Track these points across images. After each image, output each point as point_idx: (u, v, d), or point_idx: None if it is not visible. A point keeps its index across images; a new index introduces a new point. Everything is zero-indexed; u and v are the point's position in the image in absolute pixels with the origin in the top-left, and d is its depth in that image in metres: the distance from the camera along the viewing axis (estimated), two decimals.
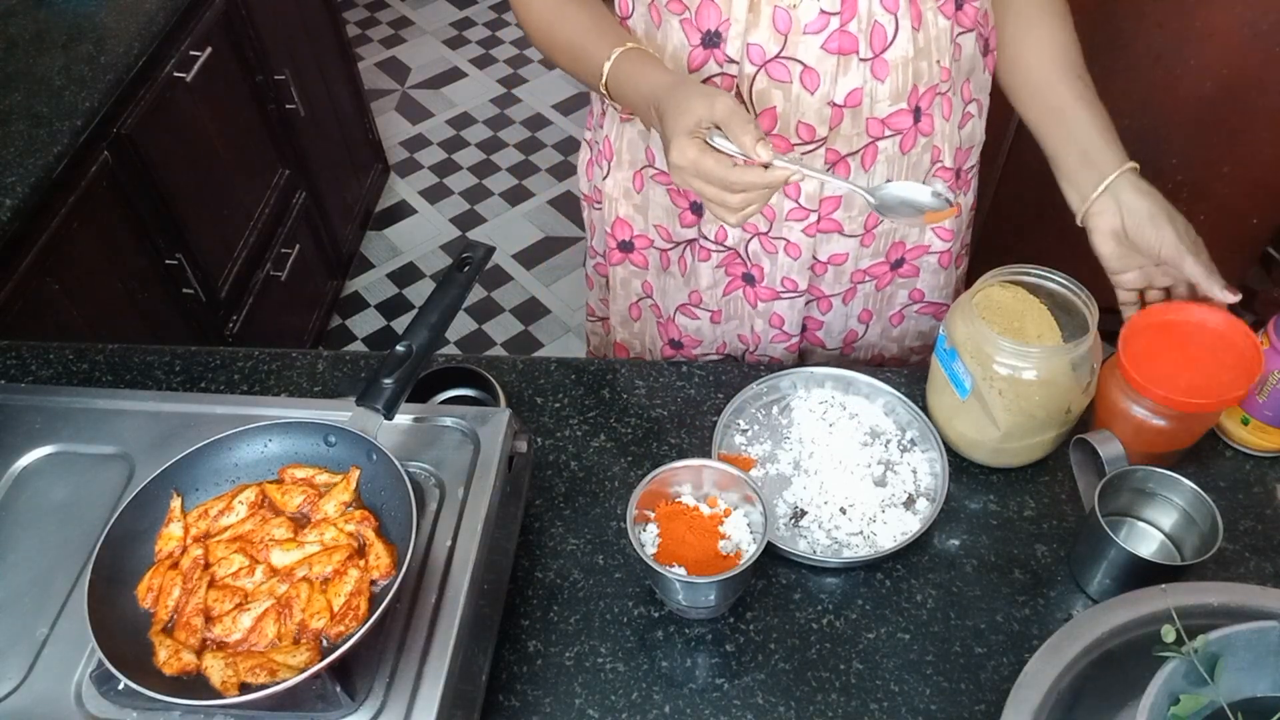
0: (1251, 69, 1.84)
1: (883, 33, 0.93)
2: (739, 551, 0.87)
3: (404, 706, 0.71)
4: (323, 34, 2.50)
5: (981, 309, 0.94)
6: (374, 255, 2.86)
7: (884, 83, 0.96)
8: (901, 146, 1.01)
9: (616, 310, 1.27)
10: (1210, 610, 0.74)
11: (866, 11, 0.92)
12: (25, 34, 1.67)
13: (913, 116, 1.00)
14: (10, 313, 1.39)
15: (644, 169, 1.10)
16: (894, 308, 1.20)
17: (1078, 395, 0.92)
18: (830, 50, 0.93)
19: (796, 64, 0.94)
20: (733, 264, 1.13)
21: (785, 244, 1.08)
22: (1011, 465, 0.99)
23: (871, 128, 0.99)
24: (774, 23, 0.92)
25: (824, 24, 0.92)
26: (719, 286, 1.16)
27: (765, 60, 0.94)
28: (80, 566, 0.80)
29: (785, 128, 0.98)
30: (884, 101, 0.97)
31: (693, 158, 0.81)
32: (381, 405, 0.80)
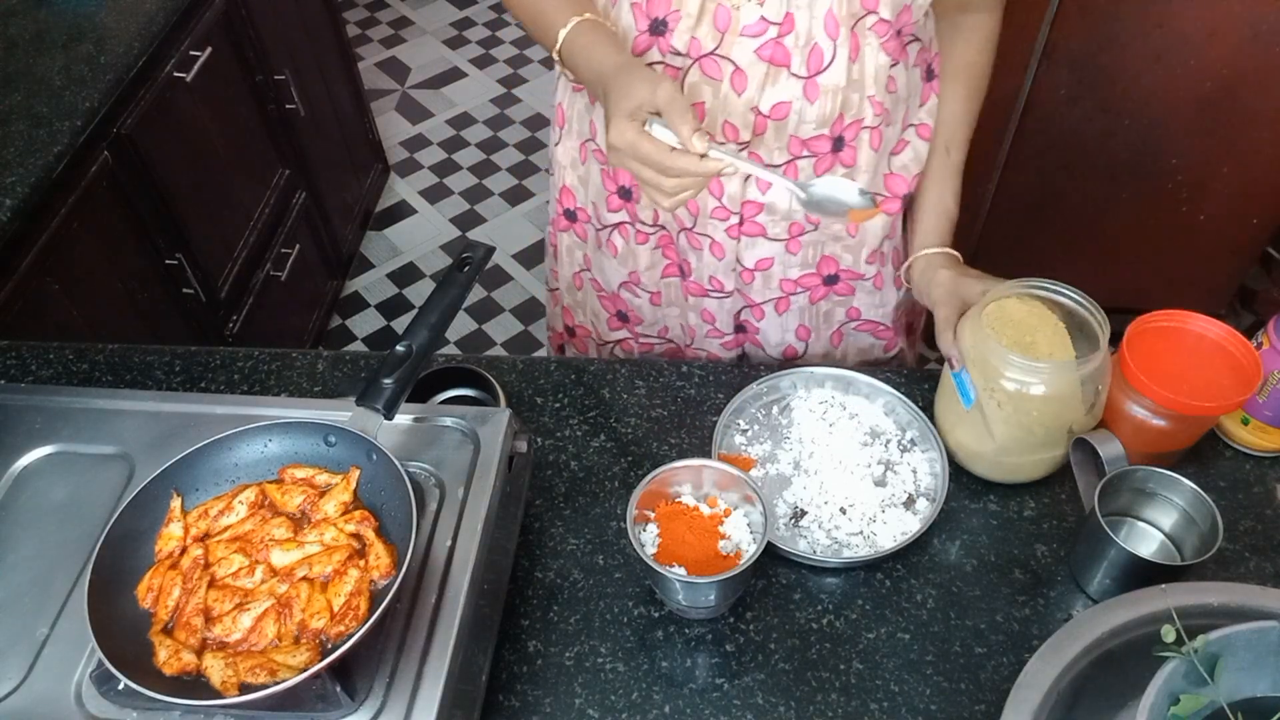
0: (1251, 69, 1.84)
1: (820, 55, 0.94)
2: (739, 551, 0.87)
3: (404, 706, 0.71)
4: (323, 34, 2.50)
5: (994, 321, 0.93)
6: (374, 255, 2.86)
7: (814, 105, 0.97)
8: (815, 170, 1.02)
9: (563, 277, 1.29)
10: (1210, 610, 0.74)
11: (806, 30, 0.92)
12: (25, 34, 1.67)
13: (832, 144, 1.00)
14: (10, 313, 1.39)
15: (587, 142, 1.12)
16: (832, 325, 1.21)
17: (1080, 415, 0.91)
18: (762, 57, 0.94)
19: (729, 63, 0.95)
20: (669, 247, 1.15)
21: (710, 242, 1.09)
22: (1009, 481, 0.99)
23: (793, 145, 1.00)
24: (715, 19, 0.93)
25: (762, 30, 0.93)
26: (656, 268, 1.17)
27: (701, 55, 0.95)
28: (80, 566, 0.80)
29: (712, 124, 0.99)
30: (810, 124, 0.98)
31: (630, 139, 0.82)
32: (381, 405, 0.80)
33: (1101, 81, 1.91)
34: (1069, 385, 0.89)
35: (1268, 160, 1.98)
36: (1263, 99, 1.88)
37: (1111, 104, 1.94)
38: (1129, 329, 0.93)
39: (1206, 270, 2.22)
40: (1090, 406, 0.91)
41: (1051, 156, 2.05)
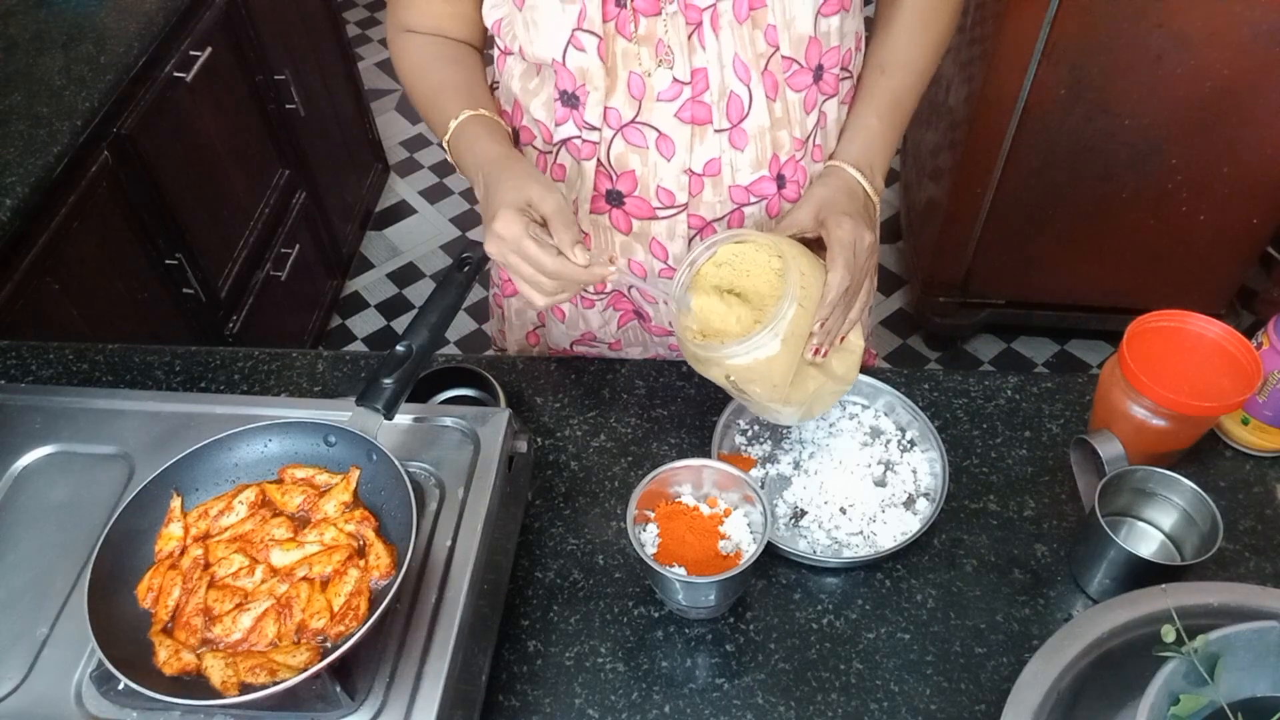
0: (1251, 69, 1.84)
1: (739, 103, 0.92)
2: (739, 551, 0.87)
3: (404, 706, 0.71)
4: (323, 34, 2.50)
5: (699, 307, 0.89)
6: (374, 255, 2.86)
7: (743, 151, 0.95)
8: (768, 211, 1.01)
9: (514, 340, 1.25)
10: (1210, 610, 0.74)
11: (719, 82, 0.91)
12: (25, 34, 1.67)
13: (776, 184, 0.99)
14: (10, 313, 1.39)
15: None
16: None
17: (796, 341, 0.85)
18: (684, 119, 0.93)
19: (652, 130, 0.94)
20: (620, 301, 1.13)
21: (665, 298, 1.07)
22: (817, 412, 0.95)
23: (735, 194, 0.98)
24: (629, 88, 0.92)
25: (677, 93, 0.91)
26: (611, 324, 1.15)
27: (622, 124, 0.94)
28: (80, 566, 0.80)
29: (645, 191, 0.97)
30: (745, 170, 0.97)
31: (515, 234, 0.82)
32: (381, 405, 0.80)
33: (1101, 81, 1.91)
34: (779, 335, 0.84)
35: (1268, 160, 1.98)
36: (1263, 99, 1.88)
37: (1111, 104, 1.94)
38: (1129, 329, 0.93)
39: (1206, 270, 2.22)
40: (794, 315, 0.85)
41: (1051, 156, 2.04)
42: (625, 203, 0.99)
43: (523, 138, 1.02)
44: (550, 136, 0.98)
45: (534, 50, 0.92)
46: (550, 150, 1.00)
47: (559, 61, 0.91)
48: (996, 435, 1.03)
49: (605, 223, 1.02)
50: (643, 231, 1.01)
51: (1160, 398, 0.88)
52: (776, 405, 0.90)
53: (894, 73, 1.00)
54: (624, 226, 1.01)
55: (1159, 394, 0.88)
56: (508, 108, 1.03)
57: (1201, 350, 0.93)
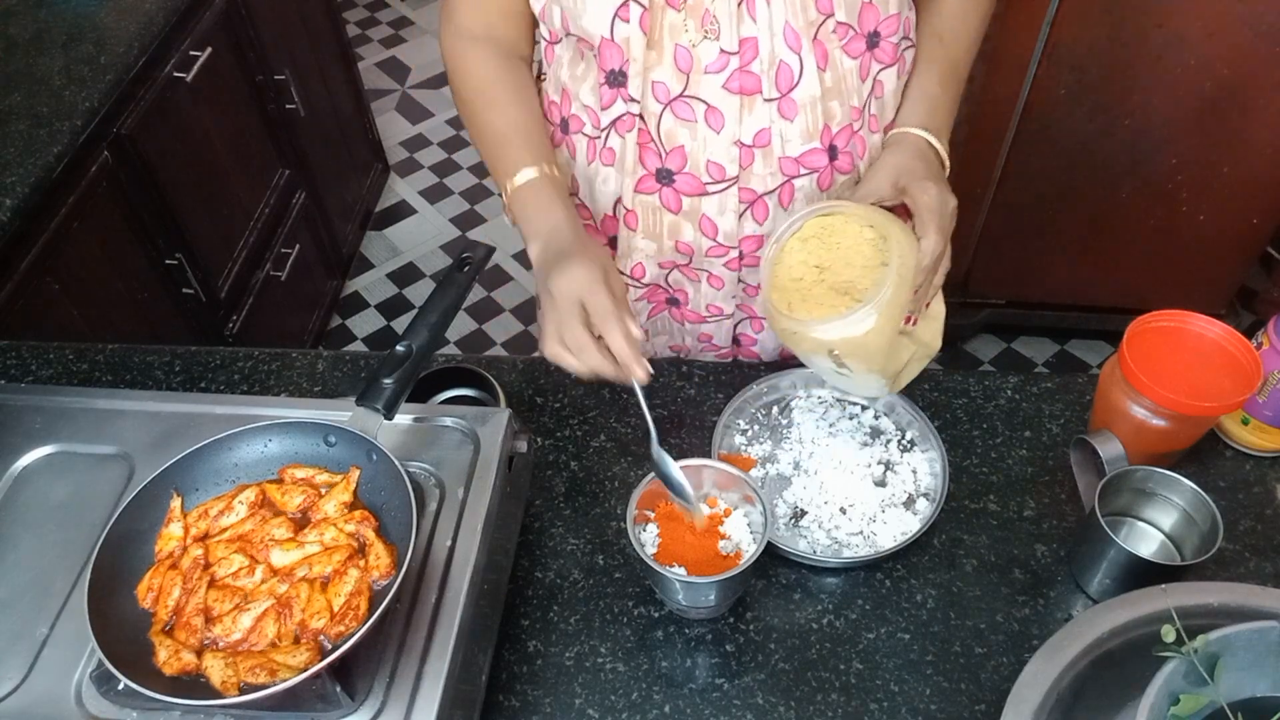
0: (1251, 69, 1.84)
1: (789, 72, 0.92)
2: (739, 551, 0.87)
3: (404, 706, 0.71)
4: (323, 34, 2.50)
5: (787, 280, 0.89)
6: (374, 255, 2.86)
7: (793, 122, 0.95)
8: (819, 184, 1.01)
9: None
10: (1210, 610, 0.74)
11: (769, 52, 0.91)
12: (25, 34, 1.67)
13: (828, 155, 0.99)
14: (10, 313, 1.39)
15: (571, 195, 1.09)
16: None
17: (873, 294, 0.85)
18: (732, 90, 0.93)
19: (700, 103, 0.93)
20: (655, 293, 1.13)
21: (708, 275, 1.08)
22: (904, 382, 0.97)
23: (785, 166, 0.98)
24: (676, 61, 0.92)
25: (724, 64, 0.91)
26: (643, 313, 1.16)
27: (670, 99, 0.94)
28: (80, 566, 0.80)
29: (695, 166, 0.97)
30: (795, 140, 0.96)
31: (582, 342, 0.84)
32: (381, 405, 0.80)
33: (1101, 81, 1.91)
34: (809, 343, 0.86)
35: (1268, 160, 1.98)
36: (1262, 99, 1.88)
37: (1111, 104, 1.94)
38: (1129, 329, 0.93)
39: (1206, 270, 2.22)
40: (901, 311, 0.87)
41: (1051, 156, 2.04)
42: (675, 180, 0.99)
43: (572, 126, 1.03)
44: (599, 121, 0.99)
45: (581, 24, 0.92)
46: (599, 135, 1.00)
47: (606, 37, 0.91)
48: (996, 435, 1.03)
49: (654, 203, 1.01)
50: (692, 209, 1.01)
51: (1160, 398, 0.88)
52: (873, 377, 0.90)
53: (950, 42, 1.00)
54: (674, 205, 1.01)
55: (1159, 394, 0.88)
56: (556, 97, 1.03)
57: (1201, 350, 0.93)
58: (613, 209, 1.05)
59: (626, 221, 1.04)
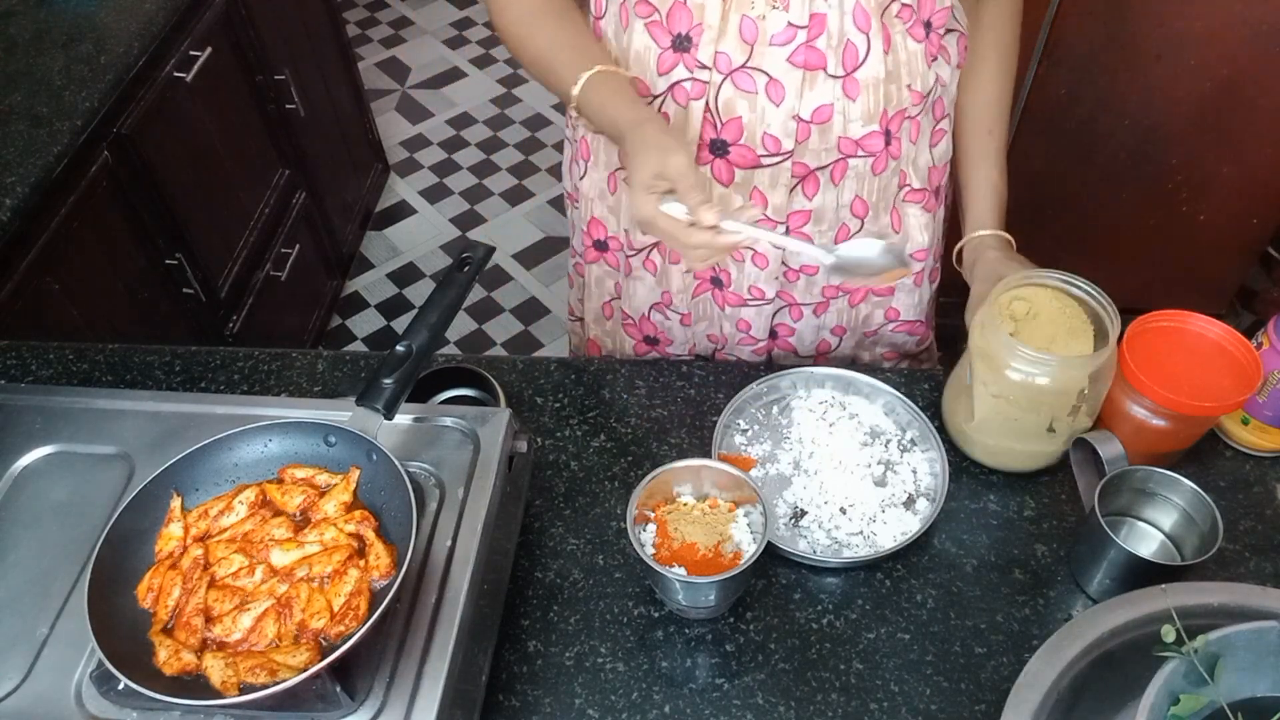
0: (1251, 69, 1.84)
1: (855, 51, 0.93)
2: (739, 551, 0.87)
3: (404, 706, 0.71)
4: (323, 34, 2.50)
5: (1013, 310, 0.94)
6: (374, 255, 2.86)
7: (856, 102, 0.96)
8: (874, 169, 1.02)
9: (591, 308, 1.27)
10: (1210, 610, 0.74)
11: (838, 28, 0.91)
12: (25, 34, 1.67)
13: (884, 139, 0.99)
14: (10, 313, 1.39)
15: (616, 171, 1.10)
16: (870, 327, 1.20)
17: (1061, 412, 0.91)
18: (796, 64, 0.93)
19: (762, 75, 0.94)
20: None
21: (753, 253, 1.08)
22: (992, 465, 0.99)
23: (843, 145, 0.99)
24: (741, 32, 0.92)
25: (790, 36, 0.92)
26: (688, 291, 1.16)
27: (732, 69, 0.94)
28: (80, 566, 0.80)
29: (751, 138, 0.97)
30: (857, 121, 0.97)
31: (649, 215, 0.85)
32: (381, 405, 0.80)
33: (1101, 81, 1.91)
34: (1057, 380, 0.89)
35: (1268, 160, 1.98)
36: (1263, 99, 1.88)
37: (1111, 104, 1.94)
38: (1129, 329, 0.93)
39: (1206, 270, 2.22)
40: (1074, 408, 0.91)
41: (1051, 156, 2.04)
42: (730, 152, 0.99)
43: None
44: (650, 88, 0.99)
45: None
46: (652, 100, 1.00)
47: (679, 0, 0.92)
48: None
49: (706, 174, 1.02)
50: (745, 181, 1.01)
51: (1160, 398, 0.88)
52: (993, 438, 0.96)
53: (998, 133, 1.11)
54: (725, 177, 1.01)
55: (1159, 394, 0.88)
56: None
57: (1201, 350, 0.93)
58: None
59: None
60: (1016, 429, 0.93)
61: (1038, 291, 0.96)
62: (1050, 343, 0.92)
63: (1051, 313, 0.94)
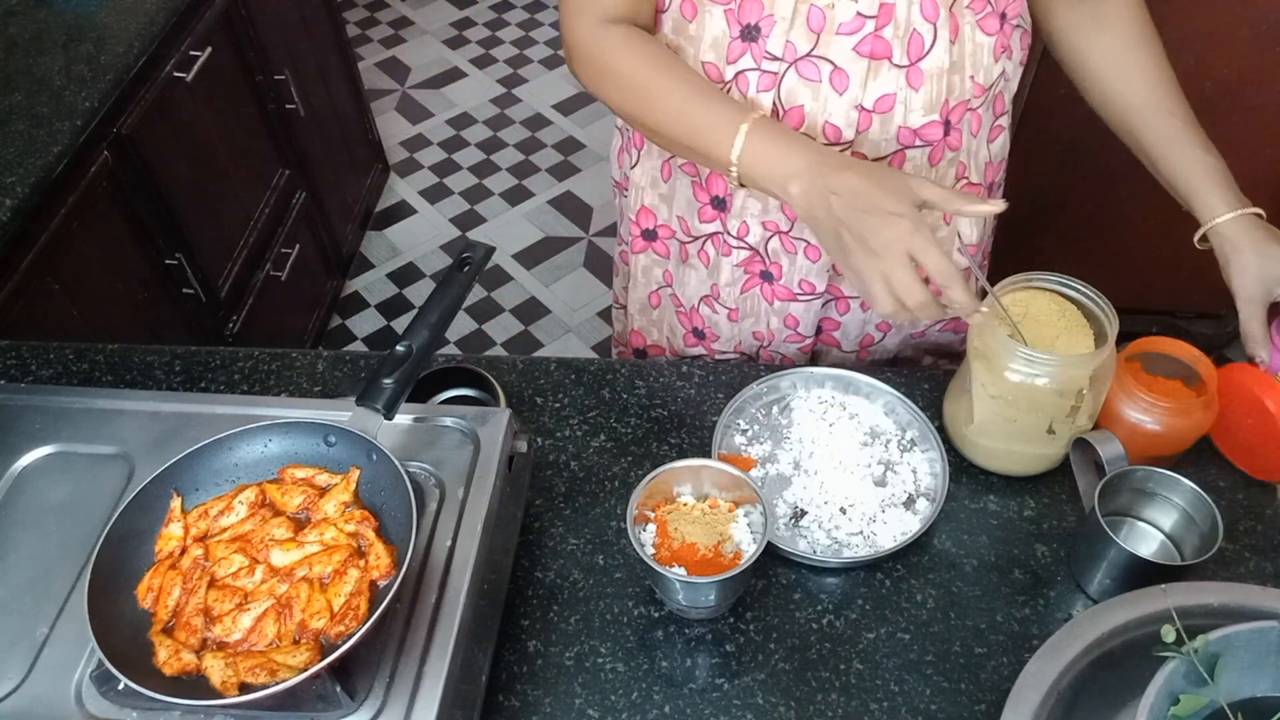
0: (1251, 69, 1.84)
1: (920, 41, 0.92)
2: (739, 551, 0.87)
3: (404, 706, 0.71)
4: (323, 34, 2.50)
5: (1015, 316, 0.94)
6: (374, 255, 2.86)
7: (918, 92, 0.95)
8: (930, 158, 1.01)
9: (636, 298, 1.27)
10: (1210, 610, 0.74)
11: (905, 18, 0.91)
12: (25, 34, 1.67)
13: (943, 129, 0.99)
14: (10, 313, 1.39)
15: (672, 158, 1.10)
16: (917, 327, 1.20)
17: (1060, 414, 0.91)
18: (862, 53, 0.92)
19: (826, 64, 0.93)
20: (752, 262, 1.13)
21: (805, 245, 1.07)
22: (992, 469, 0.99)
23: (902, 136, 0.98)
24: (808, 21, 0.92)
25: (859, 26, 0.91)
26: (737, 285, 1.15)
27: (796, 58, 0.94)
28: (80, 566, 0.80)
29: (812, 128, 0.97)
30: (918, 111, 0.96)
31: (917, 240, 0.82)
32: (381, 405, 0.80)
33: None
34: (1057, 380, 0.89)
35: (1268, 160, 1.98)
36: (1262, 99, 1.88)
37: None
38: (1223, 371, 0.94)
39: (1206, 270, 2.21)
40: (1074, 409, 0.90)
41: (1052, 156, 2.04)
42: None
43: None
44: (719, 75, 0.97)
45: None
46: (723, 83, 0.98)
47: None
48: None
49: None
50: None
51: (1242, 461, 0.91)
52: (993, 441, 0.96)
53: (1177, 109, 1.11)
54: None
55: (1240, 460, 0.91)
56: None
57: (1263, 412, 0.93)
58: None
59: None
60: (1016, 431, 0.93)
61: (1034, 294, 0.96)
62: (1049, 345, 0.92)
63: (1050, 315, 0.94)
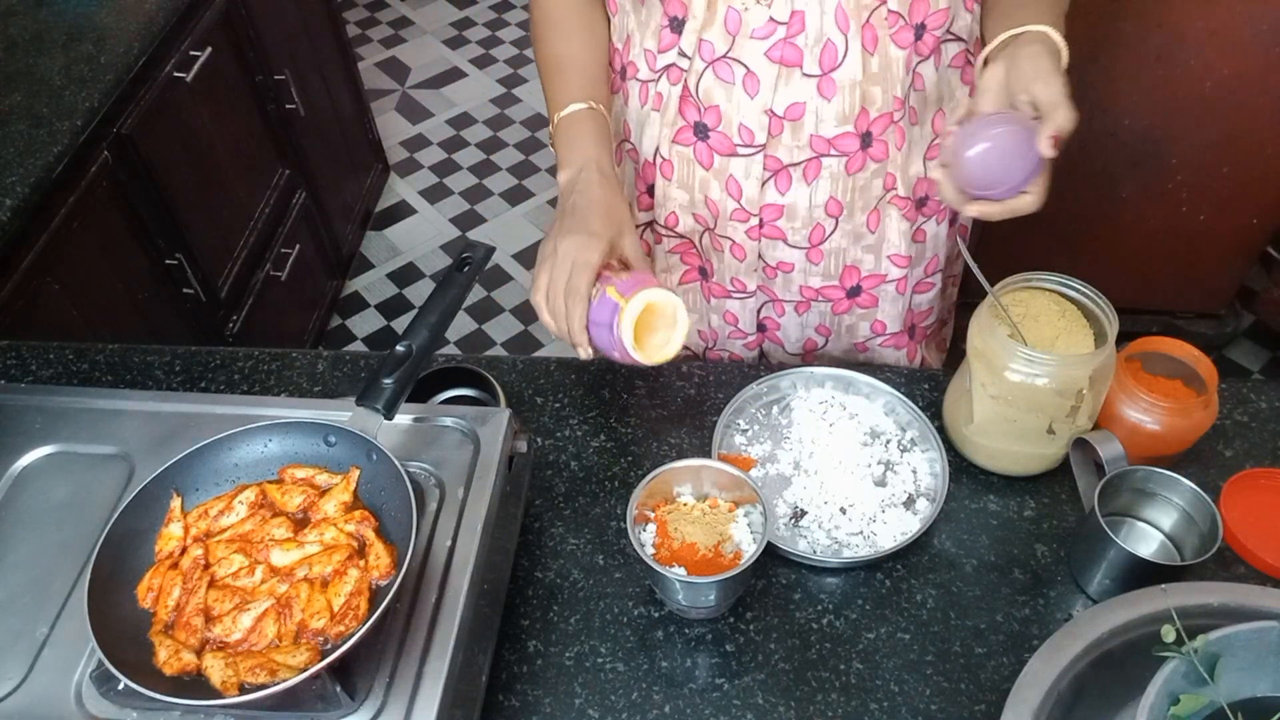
0: (1251, 69, 1.84)
1: (833, 51, 0.93)
2: (739, 551, 0.87)
3: (404, 706, 0.71)
4: (323, 34, 2.50)
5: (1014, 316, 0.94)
6: (374, 255, 2.86)
7: (830, 102, 0.96)
8: (847, 168, 1.02)
9: None
10: (1210, 610, 0.74)
11: (817, 27, 0.92)
12: (25, 34, 1.67)
13: (860, 141, 1.00)
14: (10, 313, 1.39)
15: (622, 143, 1.12)
16: (856, 338, 1.20)
17: (1060, 414, 0.91)
18: (773, 59, 0.94)
19: (741, 66, 0.95)
20: (688, 253, 1.15)
21: (731, 244, 1.09)
22: (992, 469, 0.99)
23: (815, 144, 0.99)
24: (725, 22, 0.93)
25: (770, 31, 0.92)
26: (675, 273, 1.17)
27: (714, 58, 0.95)
28: (80, 566, 0.80)
29: (728, 126, 0.99)
30: (830, 121, 0.97)
31: (589, 261, 0.87)
32: (381, 405, 0.80)
33: (1101, 81, 1.91)
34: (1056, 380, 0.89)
35: (1268, 160, 1.98)
36: (1263, 99, 1.88)
37: (1111, 104, 1.94)
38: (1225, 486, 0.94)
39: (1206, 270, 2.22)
40: (1073, 409, 0.90)
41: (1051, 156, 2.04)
42: (710, 136, 1.01)
43: (629, 72, 1.05)
44: (655, 64, 1.01)
45: None
46: (653, 78, 1.02)
47: None
48: None
49: (689, 155, 1.04)
50: (721, 168, 1.03)
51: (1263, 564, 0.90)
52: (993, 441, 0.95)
53: None
54: (706, 161, 1.03)
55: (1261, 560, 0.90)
56: (619, 44, 1.06)
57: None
58: (653, 155, 1.08)
59: (663, 171, 1.07)
60: (1016, 431, 0.93)
61: (1034, 294, 0.96)
62: (1049, 345, 0.92)
63: (1049, 315, 0.94)
